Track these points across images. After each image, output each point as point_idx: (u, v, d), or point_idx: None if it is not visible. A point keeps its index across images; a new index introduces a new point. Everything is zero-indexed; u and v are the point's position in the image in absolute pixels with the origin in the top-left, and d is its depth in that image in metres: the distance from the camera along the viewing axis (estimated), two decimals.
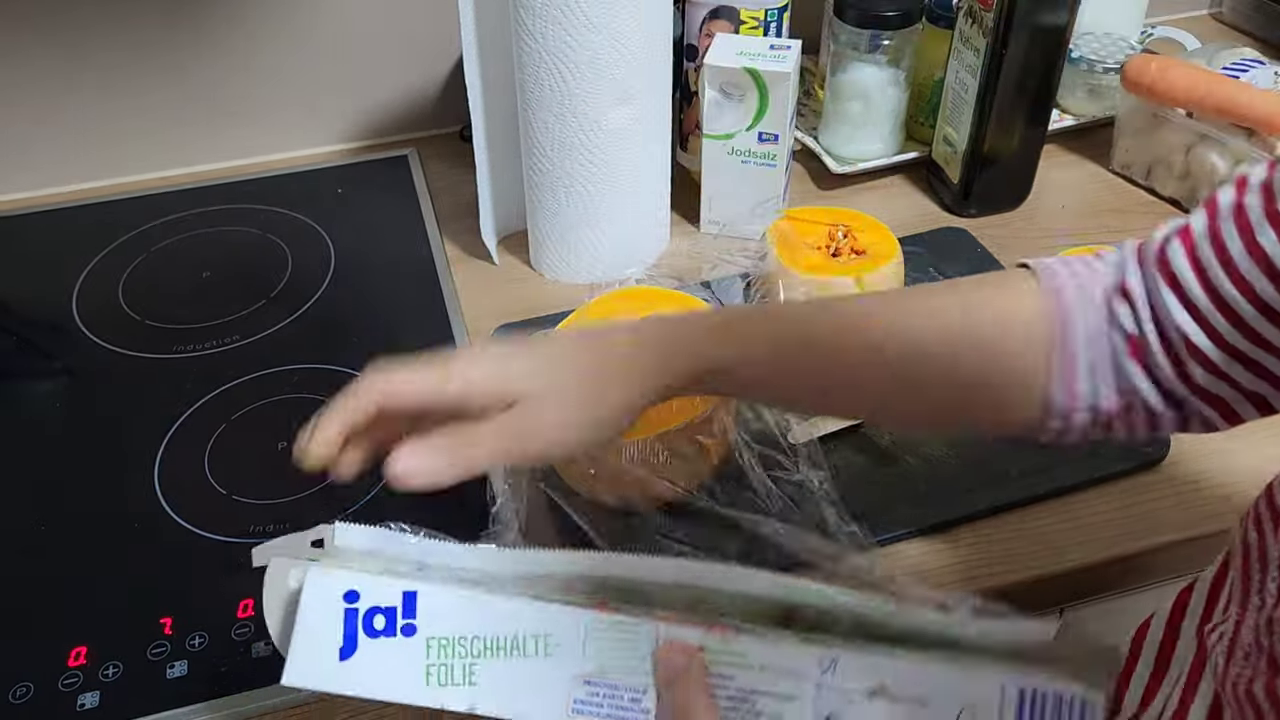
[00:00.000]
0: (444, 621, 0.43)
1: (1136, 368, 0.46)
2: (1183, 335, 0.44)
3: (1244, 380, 0.44)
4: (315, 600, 0.43)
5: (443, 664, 0.43)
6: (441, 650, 0.43)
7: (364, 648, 0.43)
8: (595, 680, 0.43)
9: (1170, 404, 0.46)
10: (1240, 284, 0.42)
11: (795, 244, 0.71)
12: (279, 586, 0.44)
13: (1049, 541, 0.63)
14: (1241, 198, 0.43)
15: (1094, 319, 0.47)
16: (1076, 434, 0.49)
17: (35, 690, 0.56)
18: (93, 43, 0.92)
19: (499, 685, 0.43)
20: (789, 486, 0.63)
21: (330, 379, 0.75)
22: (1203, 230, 0.44)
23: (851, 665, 0.42)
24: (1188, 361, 0.44)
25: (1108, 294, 0.47)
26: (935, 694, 0.42)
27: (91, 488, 0.68)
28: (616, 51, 0.73)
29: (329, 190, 0.97)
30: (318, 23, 0.96)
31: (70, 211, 0.95)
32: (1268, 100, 0.83)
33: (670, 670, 0.42)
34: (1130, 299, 0.46)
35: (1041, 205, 0.93)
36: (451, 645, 0.43)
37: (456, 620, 0.43)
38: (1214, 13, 1.23)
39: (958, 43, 0.86)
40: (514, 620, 0.43)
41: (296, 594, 0.43)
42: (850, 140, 0.93)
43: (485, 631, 0.43)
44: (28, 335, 0.82)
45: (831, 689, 0.42)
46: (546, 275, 0.85)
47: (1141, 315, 0.46)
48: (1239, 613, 0.41)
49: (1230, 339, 0.43)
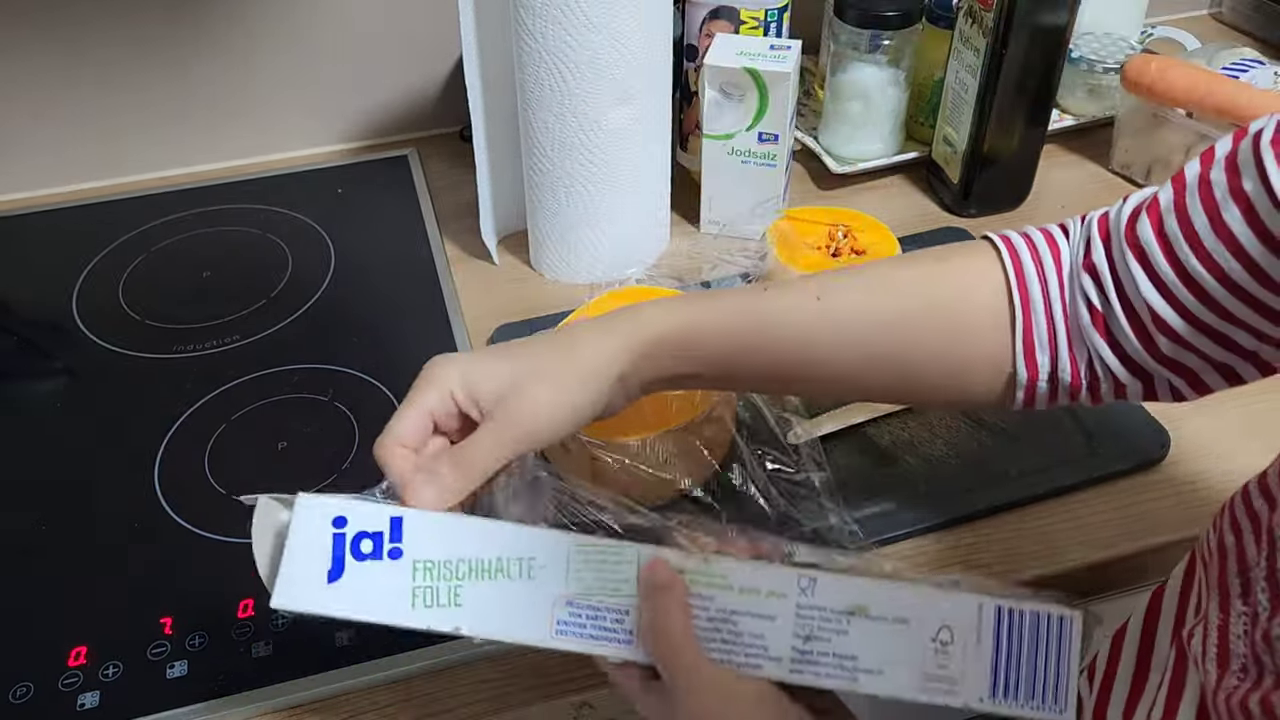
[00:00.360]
0: (430, 545, 0.44)
1: (1100, 339, 0.46)
2: (1149, 308, 0.44)
3: (1211, 352, 0.44)
4: (304, 525, 0.44)
5: (428, 586, 0.43)
6: (427, 573, 0.44)
7: (351, 570, 0.43)
8: (578, 602, 0.43)
9: (1136, 374, 0.47)
10: (1206, 260, 0.42)
11: (795, 244, 0.71)
12: (268, 521, 0.44)
13: (1049, 541, 0.63)
14: (1207, 172, 0.42)
15: (1054, 291, 0.47)
16: (1040, 404, 0.49)
17: (35, 690, 0.56)
18: (93, 40, 0.92)
19: (484, 607, 0.43)
20: (789, 486, 0.63)
21: (330, 379, 0.75)
22: (1169, 204, 0.44)
23: (830, 586, 0.43)
24: (1154, 334, 0.45)
25: (1072, 267, 0.47)
26: (914, 614, 0.43)
27: (91, 488, 0.68)
28: (616, 51, 0.73)
29: (329, 190, 0.97)
30: (318, 23, 0.96)
31: (70, 211, 0.95)
32: (1268, 100, 0.83)
33: (651, 591, 0.42)
34: (1095, 272, 0.46)
35: (1041, 205, 0.93)
36: (437, 568, 0.44)
37: (442, 544, 0.44)
38: (1214, 13, 1.23)
39: (958, 43, 0.86)
40: (499, 543, 0.44)
41: (285, 526, 0.44)
42: (850, 140, 0.93)
43: (470, 554, 0.44)
44: (28, 335, 0.82)
45: (811, 609, 0.43)
46: (546, 275, 0.85)
47: (1107, 287, 0.46)
48: (1220, 617, 0.41)
49: (1197, 313, 0.43)
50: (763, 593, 0.43)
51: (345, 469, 0.68)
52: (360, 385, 0.75)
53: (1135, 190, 0.48)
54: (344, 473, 0.68)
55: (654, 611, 0.42)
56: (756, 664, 0.43)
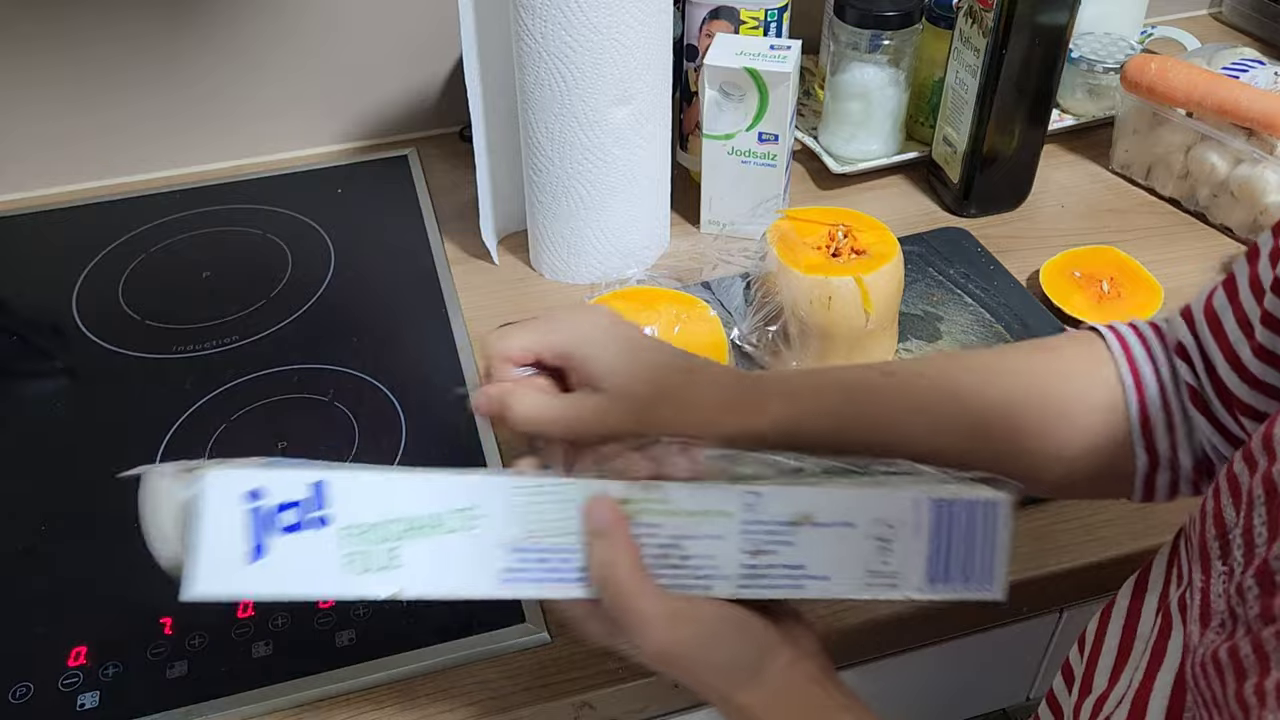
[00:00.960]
0: (359, 508, 0.41)
1: (1201, 419, 0.48)
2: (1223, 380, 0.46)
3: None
4: (214, 504, 0.40)
5: (361, 551, 0.41)
6: (360, 537, 0.41)
7: (275, 547, 0.40)
8: (523, 546, 0.42)
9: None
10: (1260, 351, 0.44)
11: (795, 244, 0.71)
12: (164, 500, 0.40)
13: (1049, 541, 0.63)
14: (1255, 269, 0.45)
15: (1164, 376, 0.50)
16: (1162, 494, 0.51)
17: (35, 690, 0.56)
18: (93, 40, 0.92)
19: (425, 566, 0.41)
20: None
21: (331, 379, 0.75)
22: (1223, 302, 0.47)
23: (775, 498, 0.43)
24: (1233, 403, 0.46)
25: (1168, 352, 0.50)
26: (858, 516, 0.43)
27: (91, 488, 0.68)
28: (616, 51, 0.73)
29: (329, 190, 0.97)
30: (318, 23, 0.96)
31: (70, 211, 0.95)
32: (1267, 100, 0.83)
33: (593, 537, 0.42)
34: (1187, 355, 0.49)
35: (1041, 205, 0.93)
36: (370, 530, 0.41)
37: (372, 504, 0.41)
38: (1214, 13, 1.23)
39: (958, 43, 0.86)
40: (432, 497, 0.41)
41: (188, 504, 0.40)
42: (850, 140, 0.93)
43: (404, 512, 0.41)
44: (28, 335, 0.82)
45: (757, 524, 0.42)
46: (546, 275, 0.85)
47: (1197, 368, 0.48)
48: (1203, 579, 0.41)
49: (1259, 374, 0.44)
50: (708, 513, 0.42)
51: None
52: (360, 385, 0.75)
53: (1136, 189, 0.49)
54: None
55: (599, 558, 0.41)
56: (707, 585, 0.42)
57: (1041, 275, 0.82)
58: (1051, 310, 0.79)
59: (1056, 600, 0.67)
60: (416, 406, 0.73)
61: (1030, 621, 0.69)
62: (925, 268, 0.83)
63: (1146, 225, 0.90)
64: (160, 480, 0.41)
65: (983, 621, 0.65)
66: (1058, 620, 0.71)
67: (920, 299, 0.80)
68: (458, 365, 0.76)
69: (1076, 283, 0.81)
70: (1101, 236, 0.88)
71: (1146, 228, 0.90)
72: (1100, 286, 0.80)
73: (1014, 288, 0.81)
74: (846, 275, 0.68)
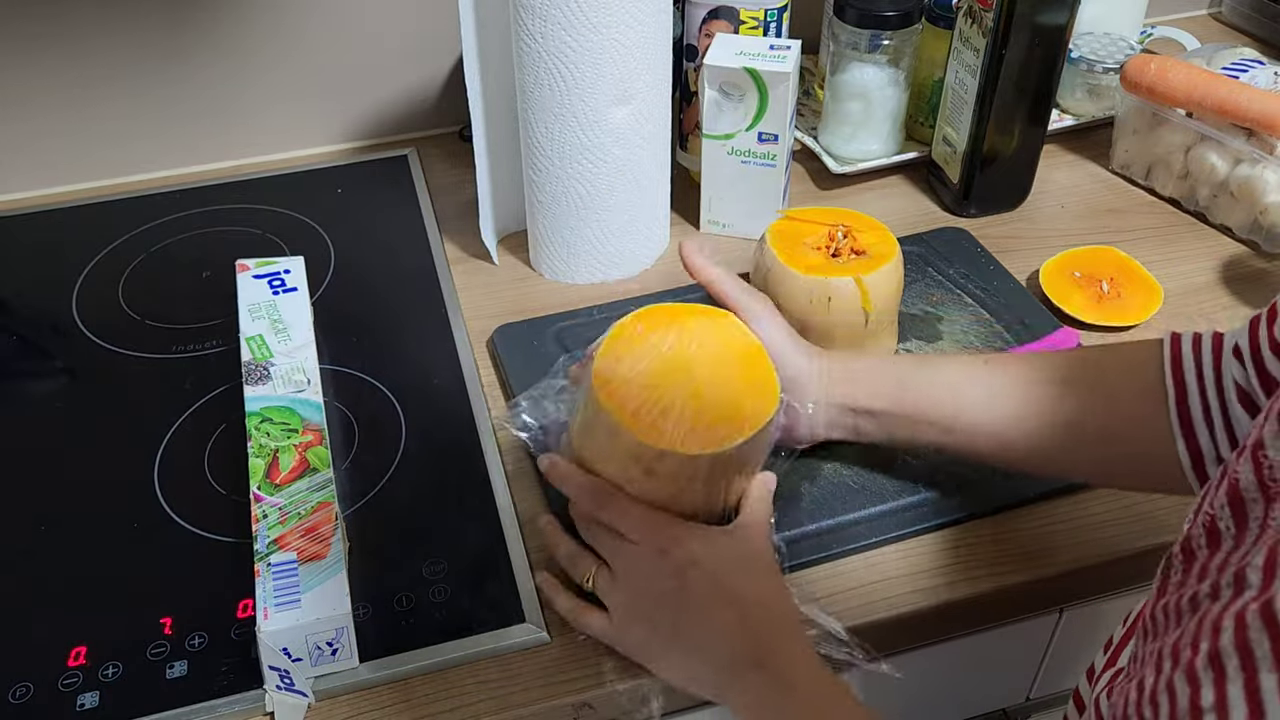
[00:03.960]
0: None
1: (1245, 416, 0.51)
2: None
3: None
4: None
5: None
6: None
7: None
8: None
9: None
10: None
11: (795, 244, 0.71)
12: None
13: (1048, 541, 0.63)
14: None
15: (1207, 371, 0.53)
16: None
17: (35, 690, 0.56)
18: (93, 40, 0.92)
19: None
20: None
21: (330, 379, 0.75)
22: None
23: None
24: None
25: (1219, 350, 0.53)
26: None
27: (91, 488, 0.68)
28: (616, 51, 0.73)
29: (329, 190, 0.97)
30: (318, 23, 0.96)
31: (70, 211, 0.95)
32: (1267, 100, 0.83)
33: None
34: (1240, 357, 0.51)
35: (1041, 205, 0.93)
36: None
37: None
38: (1214, 13, 1.23)
39: (958, 43, 0.86)
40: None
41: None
42: (850, 140, 0.93)
43: None
44: (28, 335, 0.82)
45: None
46: (546, 275, 0.85)
47: (1249, 370, 0.50)
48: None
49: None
50: None
51: (345, 469, 0.68)
52: (360, 385, 0.75)
53: (1135, 190, 0.50)
54: (344, 472, 0.68)
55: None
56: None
57: (1041, 275, 0.82)
58: (1051, 310, 0.79)
59: (1057, 600, 0.68)
60: (416, 406, 0.73)
61: (1030, 621, 0.69)
62: (925, 268, 0.83)
63: (1146, 225, 0.90)
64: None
65: (983, 622, 0.65)
66: (1058, 620, 0.71)
67: (920, 299, 0.80)
68: (458, 365, 0.76)
69: (1076, 283, 0.81)
70: (1101, 236, 0.88)
71: (1146, 228, 0.90)
72: (1100, 286, 0.80)
73: (1014, 288, 0.81)
74: (846, 275, 0.68)
